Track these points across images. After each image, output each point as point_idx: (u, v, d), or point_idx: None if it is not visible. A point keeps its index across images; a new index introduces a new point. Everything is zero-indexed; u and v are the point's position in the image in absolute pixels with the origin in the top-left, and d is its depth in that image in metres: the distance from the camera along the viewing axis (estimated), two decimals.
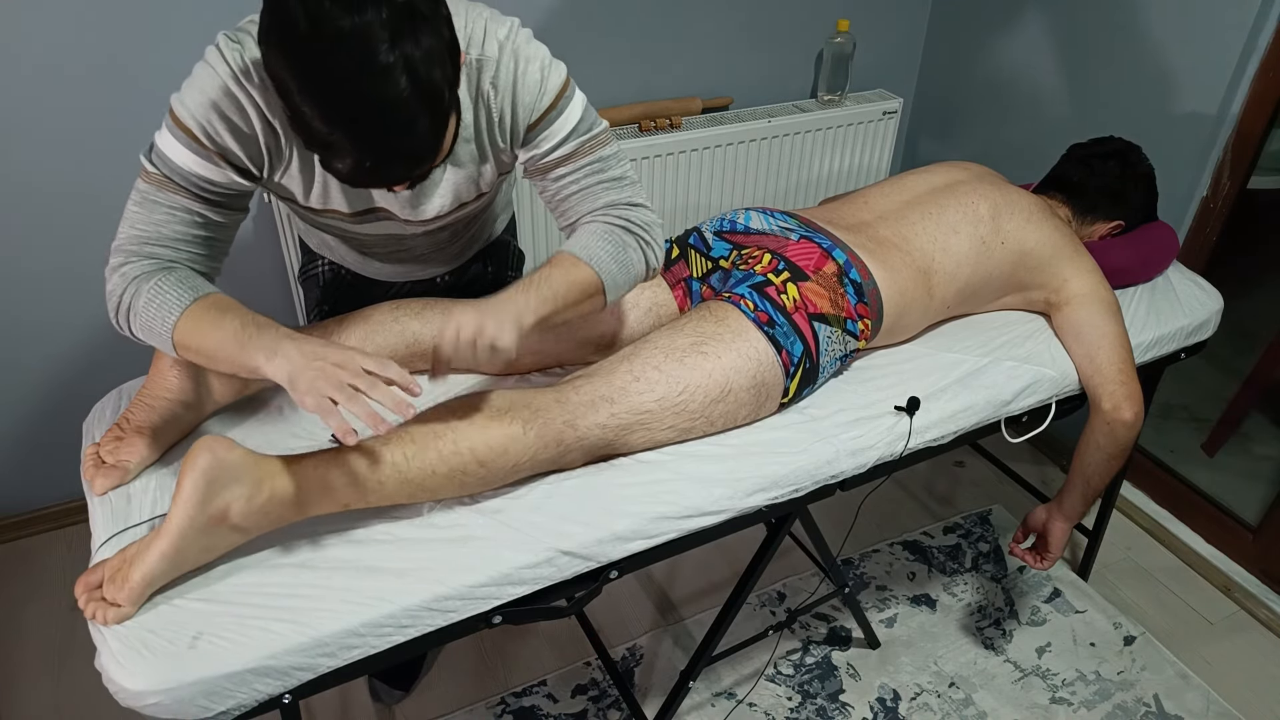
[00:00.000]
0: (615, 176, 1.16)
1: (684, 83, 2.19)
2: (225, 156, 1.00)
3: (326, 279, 1.42)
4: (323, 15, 0.82)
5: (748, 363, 1.21)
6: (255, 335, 0.96)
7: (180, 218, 1.01)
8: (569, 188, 1.15)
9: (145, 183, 1.01)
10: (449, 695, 1.70)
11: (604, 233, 1.14)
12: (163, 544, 0.93)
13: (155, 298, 0.98)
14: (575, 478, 1.16)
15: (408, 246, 1.30)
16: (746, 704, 1.70)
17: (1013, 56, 2.23)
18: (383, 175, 0.92)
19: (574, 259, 1.11)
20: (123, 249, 1.01)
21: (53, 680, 1.70)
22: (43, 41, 1.57)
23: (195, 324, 0.98)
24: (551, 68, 1.08)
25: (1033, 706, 1.73)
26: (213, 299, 1.00)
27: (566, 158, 1.13)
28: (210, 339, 0.97)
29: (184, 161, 0.99)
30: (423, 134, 0.89)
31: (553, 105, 1.09)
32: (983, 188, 1.49)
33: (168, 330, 0.98)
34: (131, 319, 1.00)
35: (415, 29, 0.84)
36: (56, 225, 1.74)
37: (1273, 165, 1.86)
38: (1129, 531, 2.17)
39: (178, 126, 0.98)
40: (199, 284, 1.01)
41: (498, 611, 1.06)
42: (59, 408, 1.92)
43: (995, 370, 1.41)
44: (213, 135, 0.98)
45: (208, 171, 1.00)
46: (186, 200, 1.01)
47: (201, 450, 0.94)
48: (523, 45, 1.06)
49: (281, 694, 0.96)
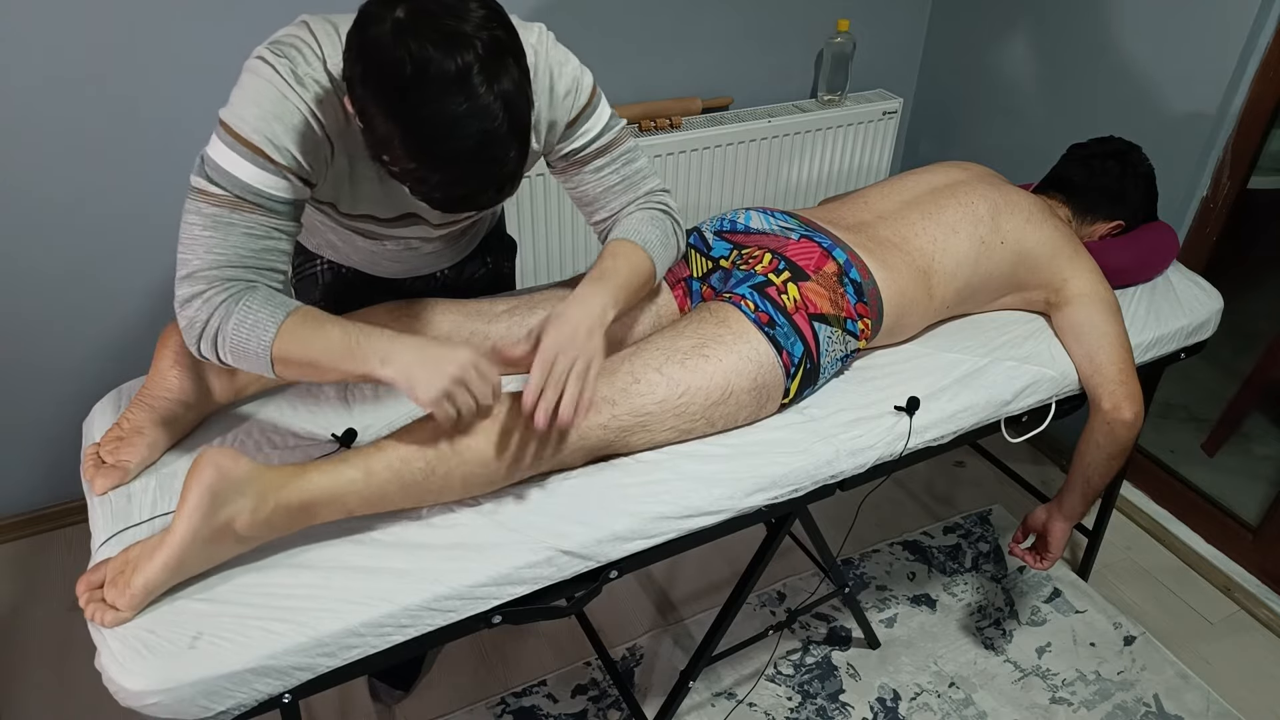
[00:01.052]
0: (645, 165, 1.25)
1: (684, 83, 2.19)
2: (293, 170, 0.99)
3: (326, 279, 1.41)
4: (428, 60, 0.84)
5: (748, 364, 1.21)
6: (363, 341, 0.98)
7: (258, 235, 1.00)
8: (610, 178, 1.22)
9: (212, 205, 0.98)
10: (449, 695, 1.70)
11: (651, 219, 1.23)
12: (165, 555, 0.92)
13: (247, 318, 0.97)
14: (575, 478, 1.16)
15: (421, 246, 1.31)
16: (746, 704, 1.70)
17: (1013, 56, 2.23)
18: (475, 202, 0.95)
19: (633, 245, 1.19)
20: (199, 276, 0.98)
21: (53, 680, 1.70)
22: (43, 42, 1.57)
23: (294, 337, 0.98)
24: (582, 72, 1.15)
25: (1033, 706, 1.73)
26: (305, 311, 1.00)
27: (605, 148, 1.19)
28: (315, 348, 0.98)
29: (252, 178, 0.97)
30: (514, 161, 0.92)
31: (588, 104, 1.15)
32: (982, 187, 1.49)
33: (265, 348, 0.98)
34: (220, 343, 0.99)
35: (505, 63, 0.88)
36: (56, 225, 1.74)
37: (1273, 165, 1.86)
38: (1129, 531, 2.17)
39: (241, 143, 0.96)
40: (283, 300, 1.01)
41: (498, 611, 1.06)
42: (59, 408, 1.92)
43: (995, 370, 1.41)
44: (283, 148, 0.97)
45: (276, 187, 0.99)
46: (262, 217, 0.99)
47: (206, 463, 0.93)
48: (553, 49, 1.12)
49: (281, 694, 0.96)
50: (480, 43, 0.86)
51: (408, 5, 0.86)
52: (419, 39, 0.84)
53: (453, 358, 0.99)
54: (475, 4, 0.88)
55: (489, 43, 0.87)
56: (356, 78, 0.88)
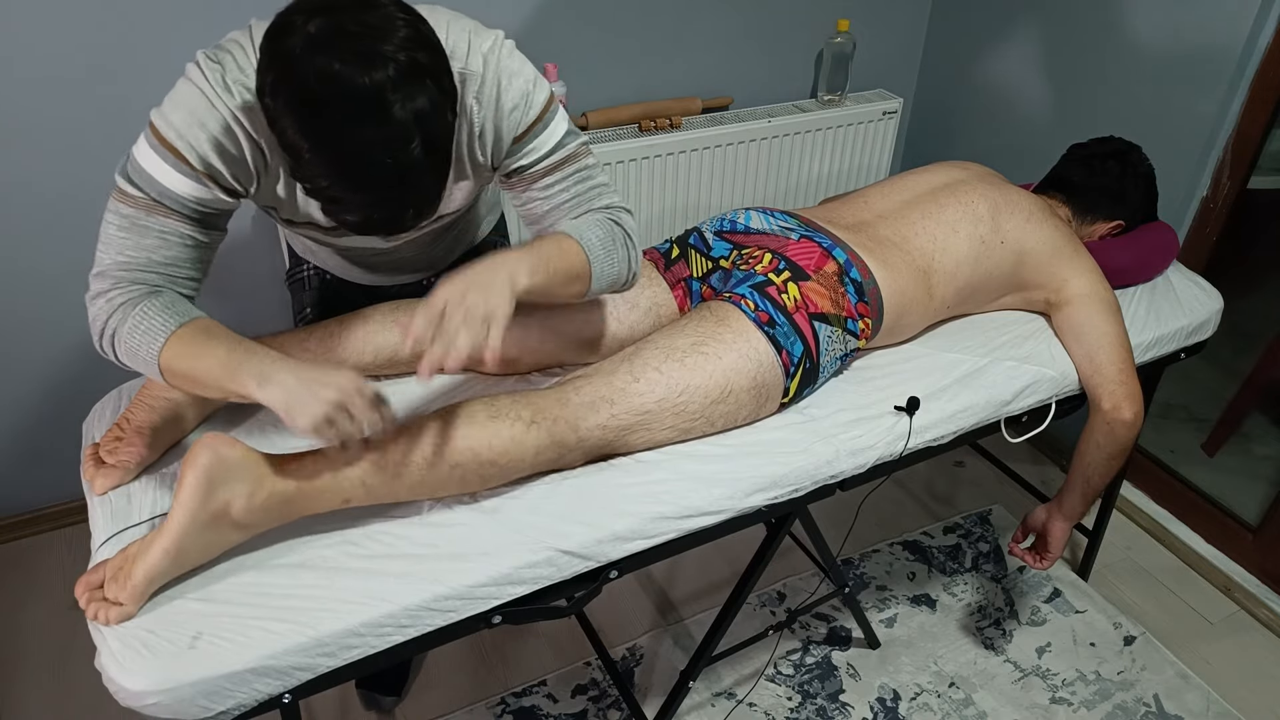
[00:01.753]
0: (602, 183, 1.16)
1: (684, 83, 2.19)
2: (213, 177, 0.97)
3: (313, 284, 1.41)
4: (334, 76, 0.81)
5: (748, 363, 1.22)
6: (245, 361, 0.94)
7: (172, 242, 0.99)
8: (560, 195, 1.13)
9: (129, 207, 0.97)
10: (449, 695, 1.70)
11: (597, 223, 1.13)
12: (165, 541, 0.93)
13: (140, 323, 0.96)
14: (575, 478, 1.16)
15: (388, 254, 1.30)
16: (746, 704, 1.70)
17: (1013, 57, 2.23)
18: (391, 226, 0.92)
19: (565, 235, 1.10)
20: (108, 275, 0.98)
21: (53, 680, 1.70)
22: (42, 41, 1.57)
23: (182, 350, 0.96)
24: (535, 84, 1.07)
25: (1033, 706, 1.73)
26: (199, 324, 0.98)
27: (556, 166, 1.12)
28: (198, 365, 0.95)
29: (172, 183, 0.96)
30: (430, 186, 0.90)
31: (539, 118, 1.08)
32: (982, 187, 1.49)
33: (154, 355, 0.96)
34: (116, 345, 0.98)
35: (422, 83, 0.84)
36: (56, 225, 1.74)
37: (1273, 165, 1.86)
38: (1129, 531, 2.17)
39: (163, 146, 0.95)
40: (184, 308, 0.99)
41: (498, 611, 1.06)
42: (59, 408, 1.92)
43: (995, 370, 1.41)
44: (202, 155, 0.95)
45: (197, 192, 0.97)
46: (176, 223, 0.98)
47: (202, 447, 0.94)
48: (506, 59, 1.05)
49: (281, 694, 0.96)
50: (395, 64, 0.82)
51: (324, 19, 0.82)
52: (331, 54, 0.81)
53: (332, 382, 0.93)
54: (401, 24, 0.84)
55: (405, 64, 0.83)
56: (267, 88, 0.84)
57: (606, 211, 1.16)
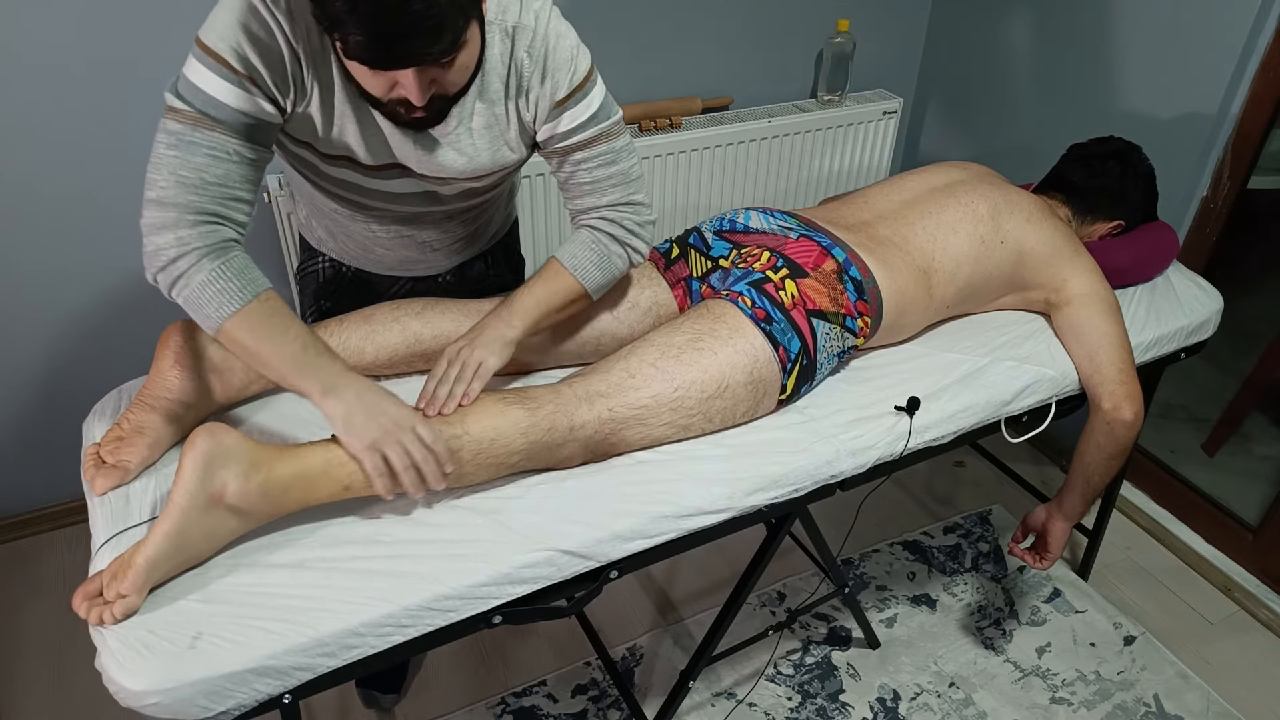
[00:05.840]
0: (623, 171, 1.21)
1: (684, 83, 2.19)
2: (256, 81, 0.99)
3: (326, 276, 1.41)
4: None
5: (744, 359, 1.22)
6: (315, 362, 1.01)
7: (221, 158, 0.99)
8: (582, 175, 1.19)
9: (178, 122, 0.98)
10: (449, 695, 1.70)
11: (592, 241, 1.22)
12: (165, 524, 0.94)
13: (216, 282, 0.98)
14: (575, 478, 1.16)
15: (414, 232, 1.30)
16: (746, 704, 1.70)
17: (1012, 56, 2.23)
18: (399, 47, 0.90)
19: (559, 267, 1.22)
20: (166, 201, 0.98)
21: (53, 680, 1.70)
22: (44, 41, 1.57)
23: (252, 325, 1.00)
24: (580, 49, 1.12)
25: (1033, 706, 1.73)
26: (271, 303, 1.01)
27: (585, 143, 1.16)
28: (266, 348, 1.00)
29: (218, 92, 0.97)
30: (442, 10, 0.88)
31: (580, 86, 1.12)
32: (982, 187, 1.49)
33: (219, 320, 0.99)
34: (177, 288, 1.00)
35: None
36: (56, 225, 1.74)
37: (1273, 165, 1.86)
38: (1129, 531, 2.17)
39: (208, 55, 0.96)
40: (257, 277, 1.02)
41: (498, 611, 1.06)
42: (59, 408, 1.92)
43: (995, 370, 1.41)
44: (245, 57, 0.97)
45: (241, 101, 0.98)
46: (224, 137, 0.99)
47: (201, 433, 0.97)
48: (556, 21, 1.11)
49: (282, 694, 0.96)
50: None
51: None
52: None
53: (392, 413, 1.02)
54: None
55: None
56: None
57: (612, 214, 1.22)
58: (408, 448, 1.01)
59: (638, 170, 1.23)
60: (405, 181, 1.19)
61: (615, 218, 1.22)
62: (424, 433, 1.02)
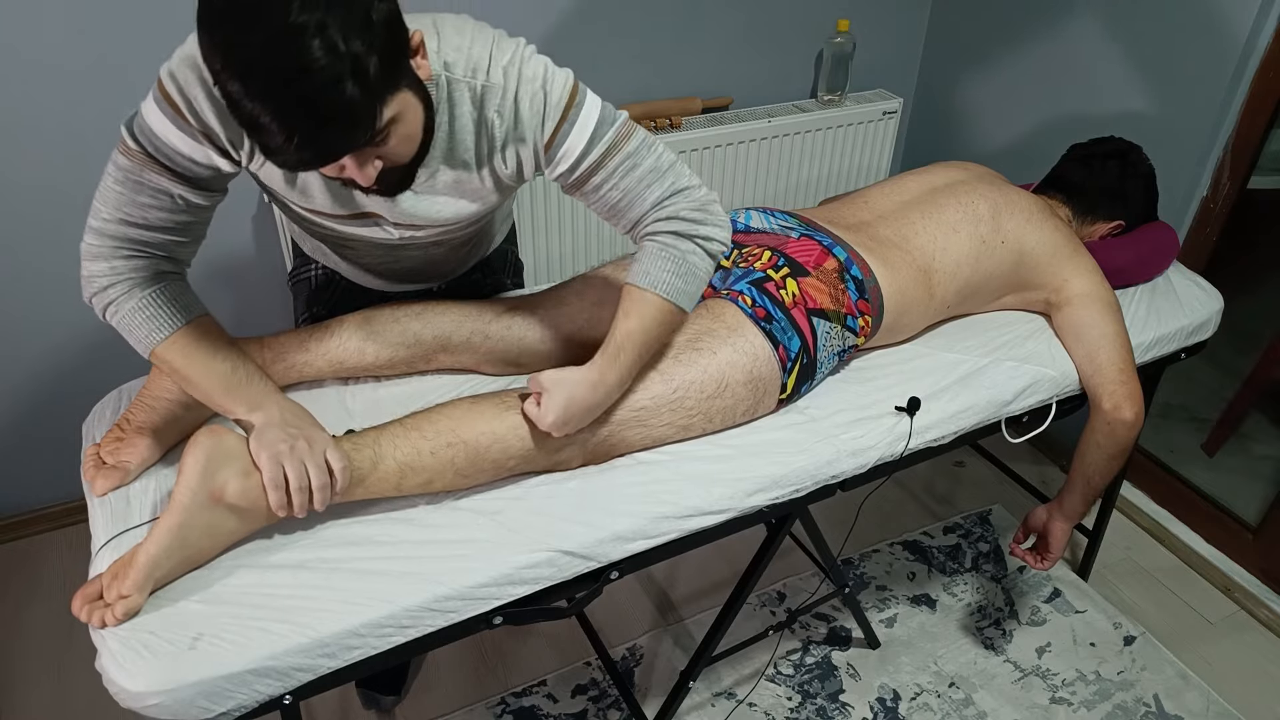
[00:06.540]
0: (652, 167, 1.10)
1: (684, 83, 2.19)
2: (207, 134, 0.97)
3: (319, 283, 1.41)
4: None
5: (743, 357, 1.22)
6: (243, 383, 1.05)
7: (166, 203, 1.00)
8: (612, 195, 1.10)
9: (127, 159, 0.98)
10: (449, 695, 1.70)
11: (660, 252, 1.11)
12: (168, 520, 0.94)
13: (146, 308, 1.02)
14: (575, 479, 1.16)
15: (400, 259, 1.29)
16: (746, 704, 1.70)
17: (1012, 56, 2.23)
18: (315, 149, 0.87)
19: (641, 293, 1.11)
20: (105, 233, 1.00)
21: (53, 680, 1.70)
22: (42, 41, 1.57)
23: (183, 350, 1.03)
24: (551, 82, 1.03)
25: (1033, 706, 1.73)
26: (202, 327, 1.05)
27: (596, 166, 1.08)
28: (195, 370, 1.04)
29: (168, 136, 0.96)
30: (349, 102, 0.83)
31: (563, 119, 1.05)
32: (982, 187, 1.49)
33: (150, 344, 1.03)
34: (110, 313, 1.03)
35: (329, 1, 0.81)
36: (56, 225, 1.74)
37: (1273, 165, 1.87)
38: (1129, 531, 2.17)
39: (165, 99, 0.95)
40: (189, 303, 1.05)
41: (498, 612, 1.06)
42: (59, 408, 1.92)
43: (995, 370, 1.41)
44: (196, 109, 0.95)
45: (190, 149, 0.97)
46: (169, 182, 0.99)
47: (204, 433, 0.99)
48: (527, 66, 1.03)
49: (282, 695, 0.96)
50: None
51: None
52: None
53: (307, 433, 1.02)
54: None
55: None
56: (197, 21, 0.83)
57: (664, 212, 1.11)
58: (309, 468, 0.99)
59: (669, 158, 1.12)
60: (379, 230, 1.16)
61: (668, 213, 1.11)
62: (332, 457, 1.01)
